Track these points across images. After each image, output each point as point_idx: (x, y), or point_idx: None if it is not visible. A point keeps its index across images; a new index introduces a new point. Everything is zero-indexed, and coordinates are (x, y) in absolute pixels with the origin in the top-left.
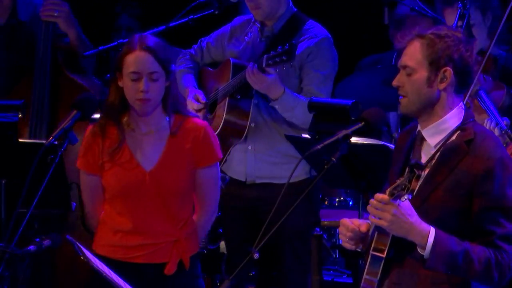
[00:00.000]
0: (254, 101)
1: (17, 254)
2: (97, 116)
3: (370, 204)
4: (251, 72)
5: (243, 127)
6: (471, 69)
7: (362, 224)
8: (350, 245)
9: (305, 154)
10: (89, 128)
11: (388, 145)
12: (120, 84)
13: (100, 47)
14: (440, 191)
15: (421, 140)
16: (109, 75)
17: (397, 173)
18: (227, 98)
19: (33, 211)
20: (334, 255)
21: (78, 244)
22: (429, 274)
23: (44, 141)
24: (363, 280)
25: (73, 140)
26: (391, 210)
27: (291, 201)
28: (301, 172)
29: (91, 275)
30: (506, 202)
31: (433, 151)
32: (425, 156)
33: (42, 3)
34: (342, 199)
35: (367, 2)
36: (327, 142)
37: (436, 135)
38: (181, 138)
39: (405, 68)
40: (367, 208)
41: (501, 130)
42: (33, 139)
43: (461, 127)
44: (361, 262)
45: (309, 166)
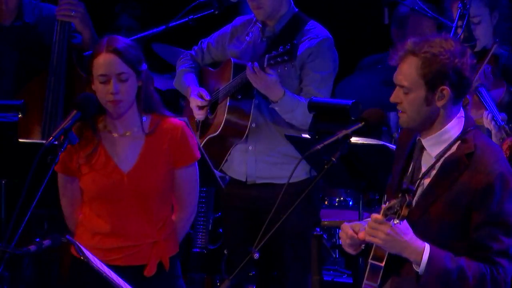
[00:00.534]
0: (255, 101)
1: (17, 254)
2: None
3: (367, 224)
4: (252, 69)
5: (244, 127)
6: (468, 79)
7: (360, 231)
8: (350, 250)
9: (305, 154)
10: None
11: (388, 145)
12: (93, 87)
13: None
14: (440, 203)
15: (421, 149)
16: None
17: (398, 172)
18: (228, 98)
19: (42, 211)
20: (334, 255)
21: (78, 244)
22: None
23: (44, 141)
24: (363, 285)
25: (73, 140)
26: (385, 230)
27: (291, 201)
28: (301, 172)
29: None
30: (505, 217)
31: (433, 161)
32: (425, 166)
33: (47, 6)
34: (342, 199)
35: (367, 2)
36: (327, 142)
37: (436, 145)
38: (158, 138)
39: (401, 87)
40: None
41: (497, 124)
42: (46, 138)
43: (461, 137)
44: (361, 261)
45: (309, 166)
